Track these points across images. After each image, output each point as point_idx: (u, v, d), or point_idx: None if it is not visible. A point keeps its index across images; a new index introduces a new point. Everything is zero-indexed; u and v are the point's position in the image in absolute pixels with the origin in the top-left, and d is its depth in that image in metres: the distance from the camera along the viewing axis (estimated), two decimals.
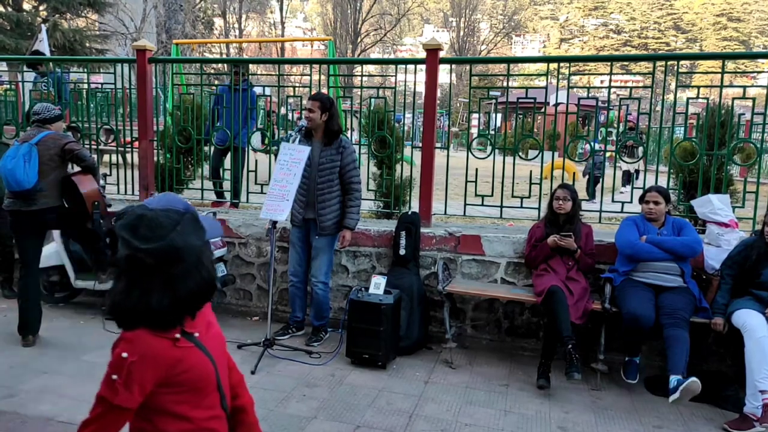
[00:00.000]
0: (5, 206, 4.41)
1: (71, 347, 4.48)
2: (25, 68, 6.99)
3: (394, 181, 5.54)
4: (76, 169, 4.59)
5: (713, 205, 4.41)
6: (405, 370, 4.33)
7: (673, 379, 3.60)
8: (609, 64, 5.09)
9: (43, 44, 8.95)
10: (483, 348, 4.87)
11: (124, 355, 1.49)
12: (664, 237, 4.15)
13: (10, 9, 17.75)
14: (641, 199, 4.38)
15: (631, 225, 4.27)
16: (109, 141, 7.16)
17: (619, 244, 4.23)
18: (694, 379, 3.52)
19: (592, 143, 5.97)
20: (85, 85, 6.61)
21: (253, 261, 5.44)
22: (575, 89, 9.69)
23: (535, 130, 7.27)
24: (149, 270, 1.46)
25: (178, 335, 1.55)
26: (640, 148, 9.01)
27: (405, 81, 5.45)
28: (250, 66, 6.52)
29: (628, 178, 10.58)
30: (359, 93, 6.18)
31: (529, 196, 5.16)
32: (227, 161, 6.46)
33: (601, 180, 5.57)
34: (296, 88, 6.70)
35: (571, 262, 4.34)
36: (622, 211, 4.92)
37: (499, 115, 7.54)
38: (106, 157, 7.33)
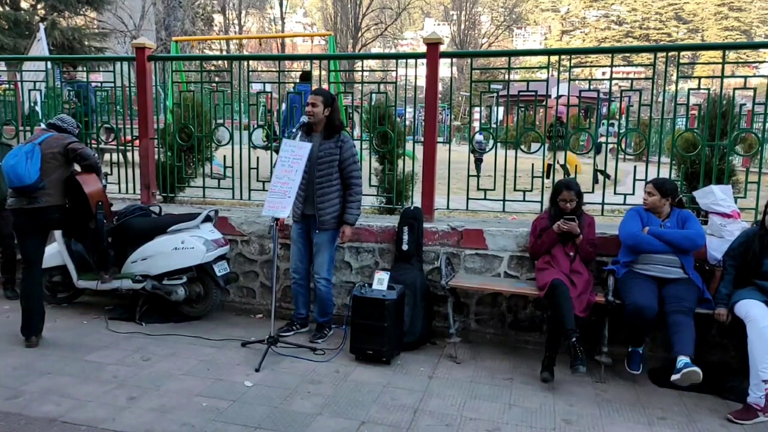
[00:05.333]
0: (8, 205, 4.43)
1: (74, 348, 4.49)
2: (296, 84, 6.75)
3: (396, 176, 5.52)
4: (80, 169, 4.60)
5: (715, 196, 4.40)
6: (409, 365, 4.33)
7: (682, 360, 3.62)
8: (610, 55, 5.07)
9: (41, 43, 8.95)
10: (487, 342, 4.87)
11: None
12: (666, 229, 4.13)
13: (8, 8, 17.74)
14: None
15: (634, 216, 4.26)
16: (110, 140, 7.16)
17: (622, 234, 4.22)
18: (698, 369, 3.53)
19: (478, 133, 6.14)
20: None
21: (255, 258, 5.44)
22: (577, 81, 9.65)
23: (537, 123, 7.24)
24: None
25: None
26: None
27: (406, 75, 5.42)
28: (251, 63, 6.49)
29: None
30: (360, 88, 6.15)
31: (531, 190, 5.15)
32: (228, 160, 6.43)
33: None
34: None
35: (572, 252, 4.32)
36: (624, 203, 4.91)
37: (501, 109, 7.53)
38: (106, 156, 7.34)
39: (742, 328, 3.70)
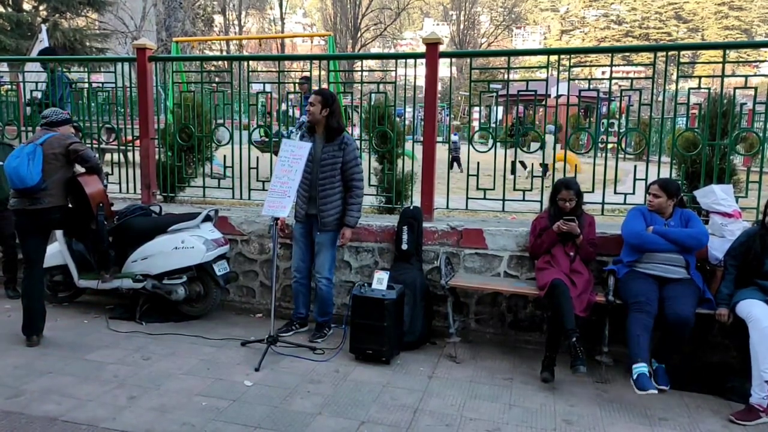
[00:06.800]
0: (10, 205, 4.43)
1: (75, 347, 4.49)
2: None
3: (395, 175, 5.52)
4: (81, 169, 4.60)
5: (716, 196, 4.39)
6: (409, 365, 4.32)
7: (637, 367, 3.66)
8: (610, 55, 5.07)
9: (43, 44, 8.95)
10: (487, 342, 4.86)
11: None
12: (670, 228, 4.12)
13: (10, 9, 17.78)
14: (647, 191, 4.36)
15: (637, 215, 4.25)
16: (111, 140, 7.16)
17: (625, 234, 4.21)
18: (655, 391, 3.58)
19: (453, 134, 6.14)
20: (86, 84, 6.62)
21: (255, 258, 5.44)
22: (576, 81, 9.65)
23: (537, 122, 7.25)
24: None
25: None
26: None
27: (405, 75, 5.42)
28: (251, 63, 6.50)
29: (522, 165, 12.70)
30: (360, 88, 6.15)
31: (531, 189, 5.15)
32: (227, 159, 6.44)
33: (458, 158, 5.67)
34: (296, 84, 6.68)
35: (572, 252, 4.32)
36: (625, 203, 4.91)
37: (500, 108, 7.51)
38: (107, 156, 7.33)
39: (743, 328, 3.69)
